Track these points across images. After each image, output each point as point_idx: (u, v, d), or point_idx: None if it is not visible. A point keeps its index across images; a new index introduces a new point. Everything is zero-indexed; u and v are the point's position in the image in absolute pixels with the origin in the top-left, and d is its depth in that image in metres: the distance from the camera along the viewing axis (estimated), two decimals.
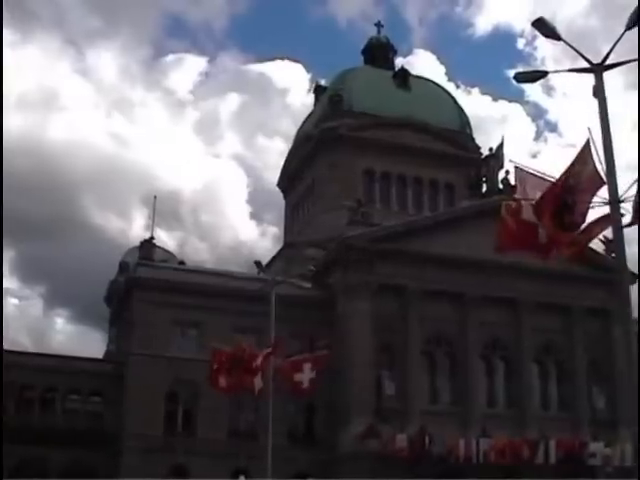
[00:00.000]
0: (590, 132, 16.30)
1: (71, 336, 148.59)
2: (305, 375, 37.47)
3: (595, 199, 16.23)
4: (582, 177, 15.87)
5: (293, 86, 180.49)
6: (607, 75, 18.63)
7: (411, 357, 66.21)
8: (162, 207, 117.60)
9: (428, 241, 68.02)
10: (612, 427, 68.35)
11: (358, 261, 66.38)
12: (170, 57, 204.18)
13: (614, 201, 16.06)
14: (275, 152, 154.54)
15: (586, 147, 16.11)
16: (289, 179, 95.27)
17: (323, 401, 64.19)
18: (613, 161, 16.85)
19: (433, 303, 67.36)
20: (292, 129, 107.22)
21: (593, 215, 16.67)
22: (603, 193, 16.42)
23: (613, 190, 16.04)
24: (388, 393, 64.41)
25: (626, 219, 16.47)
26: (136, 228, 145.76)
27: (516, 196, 16.44)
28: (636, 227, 16.11)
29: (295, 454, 61.38)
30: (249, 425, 60.25)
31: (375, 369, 64.62)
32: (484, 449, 62.85)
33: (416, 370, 66.14)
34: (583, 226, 16.64)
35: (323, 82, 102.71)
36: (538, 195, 16.22)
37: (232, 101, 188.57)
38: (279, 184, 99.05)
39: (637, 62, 19.17)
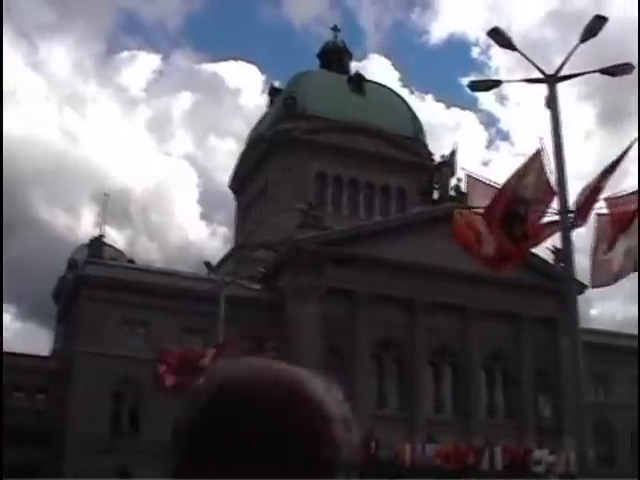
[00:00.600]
0: (542, 143, 16.50)
1: (17, 333, 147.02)
2: None
3: (547, 210, 16.44)
4: (534, 188, 16.05)
5: (246, 87, 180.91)
6: (560, 86, 18.88)
7: (359, 361, 66.39)
8: (112, 205, 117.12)
9: (378, 246, 68.26)
10: (557, 435, 69.01)
11: (308, 264, 66.45)
12: (124, 54, 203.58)
13: (564, 211, 16.28)
14: (227, 152, 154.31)
15: (536, 157, 16.30)
16: (241, 180, 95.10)
17: None
18: (564, 171, 17.05)
19: (382, 308, 67.60)
20: (244, 130, 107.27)
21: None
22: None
23: (563, 200, 16.25)
24: None
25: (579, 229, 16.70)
26: (85, 226, 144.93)
27: (468, 204, 16.53)
28: (585, 237, 16.34)
29: None
30: None
31: (323, 372, 64.19)
32: (430, 454, 63.27)
33: (364, 374, 66.32)
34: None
35: (278, 84, 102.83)
36: (489, 203, 16.37)
37: (185, 100, 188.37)
38: (231, 185, 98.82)
39: (593, 73, 19.43)
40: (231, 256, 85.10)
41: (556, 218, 16.54)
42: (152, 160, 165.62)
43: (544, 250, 63.31)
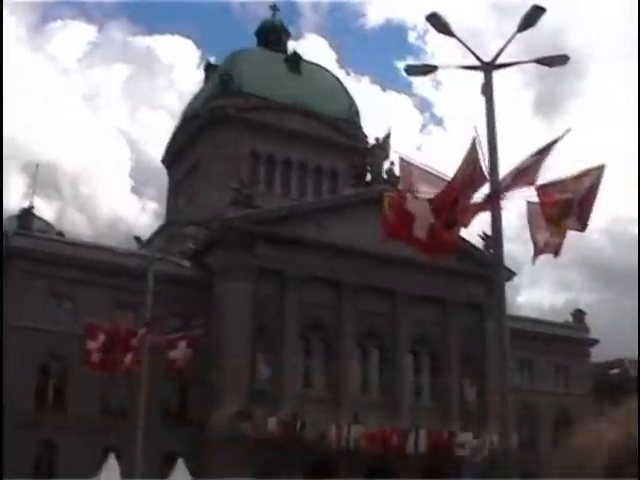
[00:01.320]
0: (476, 130, 16.63)
1: None
2: (179, 353, 37.45)
3: (476, 195, 16.57)
4: (472, 177, 16.20)
5: (182, 62, 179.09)
6: (496, 74, 19.03)
7: (287, 341, 66.48)
8: (42, 177, 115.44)
9: (310, 227, 68.34)
10: (482, 419, 69.84)
11: (238, 242, 66.27)
12: (58, 23, 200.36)
13: (495, 198, 16.42)
14: (160, 127, 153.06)
15: (473, 147, 16.44)
16: (174, 156, 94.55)
17: (197, 381, 64.08)
18: (496, 158, 17.22)
19: (312, 289, 67.73)
20: (178, 105, 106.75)
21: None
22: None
23: (495, 186, 16.40)
24: (262, 376, 64.61)
25: (508, 216, 16.86)
26: (14, 197, 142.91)
27: (400, 187, 16.63)
28: (515, 226, 16.54)
29: (167, 433, 61.21)
30: (121, 402, 59.53)
31: (251, 351, 64.68)
32: (355, 436, 63.66)
33: (291, 354, 66.45)
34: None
35: (214, 60, 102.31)
36: (421, 187, 16.46)
37: (118, 72, 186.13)
38: (163, 160, 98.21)
39: (529, 64, 19.61)
40: (162, 232, 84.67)
41: (481, 199, 16.66)
42: (84, 132, 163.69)
43: (474, 237, 63.96)
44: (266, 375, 64.74)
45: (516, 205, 16.65)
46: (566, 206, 15.49)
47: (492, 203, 16.55)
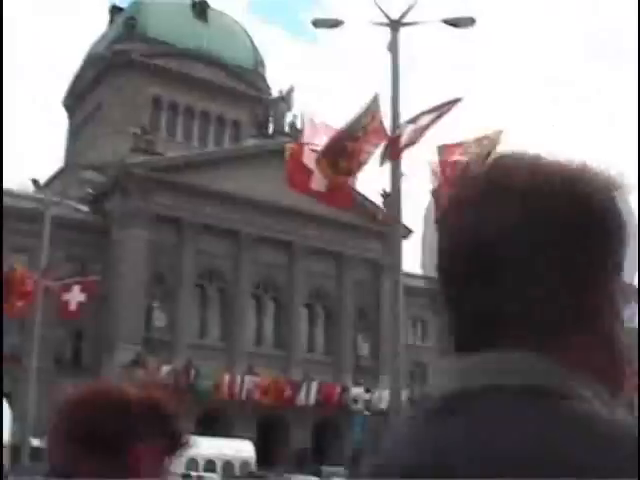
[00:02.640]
0: (377, 93, 16.68)
1: None
2: (73, 296, 37.06)
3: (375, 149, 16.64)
4: (368, 129, 16.25)
5: (86, 3, 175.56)
6: (403, 31, 19.10)
7: (183, 290, 66.26)
8: None
9: (210, 176, 67.88)
10: (374, 374, 70.75)
11: (137, 189, 65.56)
12: None
13: (393, 152, 16.51)
14: (62, 67, 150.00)
15: (374, 101, 16.49)
16: (75, 98, 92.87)
17: (91, 328, 63.62)
18: (398, 115, 17.33)
19: (209, 238, 67.47)
20: (81, 47, 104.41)
21: (374, 171, 17.14)
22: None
23: (396, 146, 16.49)
24: (157, 324, 64.37)
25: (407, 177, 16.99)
26: None
27: (303, 140, 16.62)
28: (414, 185, 16.64)
29: (60, 379, 60.73)
30: (14, 348, 58.69)
31: (146, 299, 64.36)
32: (249, 387, 63.95)
33: (187, 303, 66.30)
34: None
35: (118, 3, 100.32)
36: (322, 141, 16.50)
37: (22, 9, 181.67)
38: (64, 102, 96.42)
39: (437, 23, 19.73)
40: (60, 175, 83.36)
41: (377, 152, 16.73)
42: None
43: (373, 194, 64.42)
44: (161, 324, 64.50)
45: (416, 164, 16.80)
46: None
47: (391, 158, 16.66)
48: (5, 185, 68.05)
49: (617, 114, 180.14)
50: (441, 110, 16.00)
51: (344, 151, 16.10)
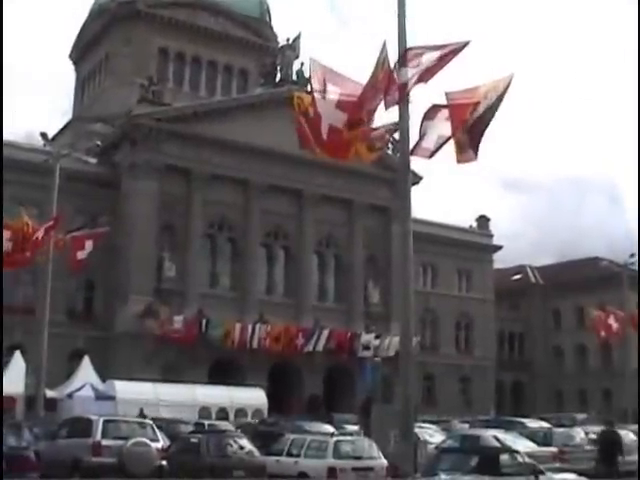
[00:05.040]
0: (385, 40, 16.46)
1: None
2: (86, 252, 37.23)
3: (384, 98, 16.45)
4: (378, 77, 16.06)
5: None
6: None
7: (194, 240, 66.24)
8: None
9: (218, 126, 67.57)
10: (384, 321, 70.93)
11: (145, 140, 65.31)
12: None
13: (401, 95, 16.33)
14: (68, 21, 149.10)
15: (382, 49, 16.28)
16: (81, 51, 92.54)
17: (103, 279, 63.86)
18: (406, 61, 17.10)
19: (218, 188, 67.28)
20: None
21: (382, 116, 16.96)
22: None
23: (403, 89, 16.30)
24: (168, 275, 64.40)
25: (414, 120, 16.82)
26: None
27: (312, 88, 16.42)
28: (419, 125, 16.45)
29: (73, 331, 61.18)
30: (27, 299, 58.84)
31: (157, 250, 64.37)
32: (260, 335, 64.12)
33: (197, 253, 66.32)
34: (375, 126, 16.97)
35: None
36: (330, 88, 16.31)
37: None
38: (71, 55, 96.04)
39: None
40: (68, 128, 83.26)
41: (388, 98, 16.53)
42: None
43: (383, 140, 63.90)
44: (172, 274, 64.56)
45: (425, 107, 16.59)
46: (469, 127, 15.53)
47: (399, 101, 16.47)
48: (14, 139, 68.08)
49: (631, 53, 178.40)
50: (447, 50, 15.77)
51: (356, 104, 15.99)
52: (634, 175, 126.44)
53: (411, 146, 16.51)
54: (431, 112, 16.23)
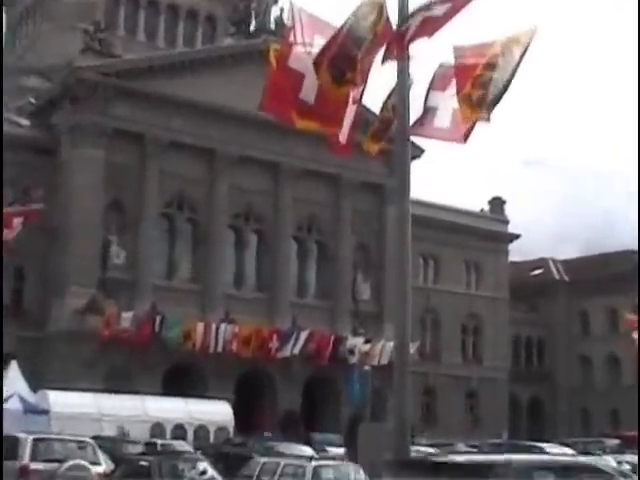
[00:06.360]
0: None
1: None
2: (15, 232, 37.06)
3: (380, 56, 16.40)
4: (374, 31, 15.99)
5: None
6: None
7: (147, 221, 65.97)
8: None
9: (179, 83, 67.26)
10: (376, 321, 71.01)
11: (90, 98, 64.84)
12: None
13: (400, 47, 16.30)
14: None
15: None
16: None
17: (36, 266, 63.67)
18: (407, 12, 17.09)
19: (178, 158, 66.98)
20: None
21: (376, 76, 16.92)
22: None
23: (401, 45, 16.27)
24: (116, 262, 64.25)
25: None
26: None
27: (291, 39, 16.35)
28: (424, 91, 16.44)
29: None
30: None
31: (102, 232, 64.11)
32: (226, 337, 64.04)
33: (152, 237, 66.08)
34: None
35: None
36: (316, 40, 16.24)
37: None
38: None
39: None
40: None
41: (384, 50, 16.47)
42: None
43: (377, 104, 63.95)
44: (120, 261, 64.43)
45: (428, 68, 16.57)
46: (485, 82, 15.43)
47: (397, 54, 16.42)
48: None
49: None
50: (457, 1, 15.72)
51: (349, 58, 15.86)
52: None
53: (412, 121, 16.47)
54: (440, 79, 16.19)
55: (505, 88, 15.50)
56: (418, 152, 67.77)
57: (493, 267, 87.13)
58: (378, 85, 17.88)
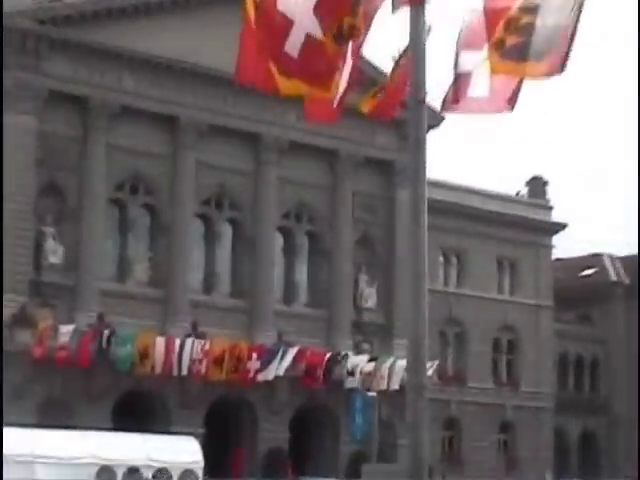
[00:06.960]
0: None
1: None
2: None
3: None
4: None
5: None
6: None
7: (92, 208, 65.85)
8: None
9: (131, 34, 67.13)
10: (383, 335, 71.17)
11: (20, 52, 64.90)
12: None
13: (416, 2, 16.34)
14: None
15: None
16: None
17: None
18: None
19: (131, 128, 66.98)
20: None
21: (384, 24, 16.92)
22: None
23: None
24: (52, 260, 64.28)
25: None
26: None
27: None
28: (445, 42, 16.48)
29: None
30: None
31: (34, 222, 64.10)
32: (193, 355, 64.02)
33: (98, 228, 66.03)
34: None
35: None
36: None
37: None
38: None
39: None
40: None
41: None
42: None
43: (386, 59, 64.06)
44: (58, 260, 64.47)
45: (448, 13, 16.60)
46: (522, 27, 15.37)
47: (413, 13, 16.44)
48: None
49: None
50: None
51: (351, 5, 15.85)
52: None
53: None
54: (469, 34, 16.14)
55: (572, 36, 15.33)
56: (436, 120, 67.39)
57: (533, 266, 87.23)
58: (384, 36, 17.90)
